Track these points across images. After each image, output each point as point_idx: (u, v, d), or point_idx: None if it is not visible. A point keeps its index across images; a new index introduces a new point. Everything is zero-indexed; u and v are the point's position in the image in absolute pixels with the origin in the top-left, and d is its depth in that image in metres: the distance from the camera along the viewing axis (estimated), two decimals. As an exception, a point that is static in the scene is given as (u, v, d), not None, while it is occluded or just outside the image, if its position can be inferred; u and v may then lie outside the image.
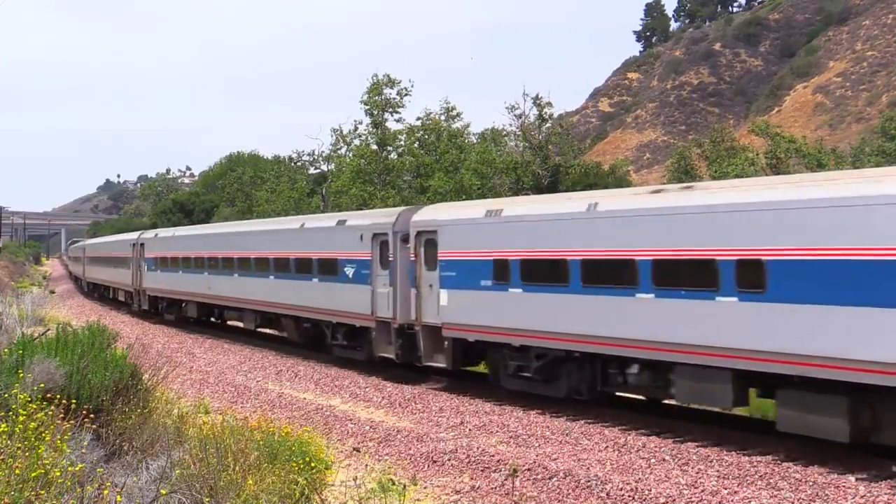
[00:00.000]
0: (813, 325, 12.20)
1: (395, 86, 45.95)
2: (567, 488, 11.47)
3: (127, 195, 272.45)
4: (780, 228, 12.72)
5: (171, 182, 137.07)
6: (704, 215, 13.92)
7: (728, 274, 13.24)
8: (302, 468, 9.60)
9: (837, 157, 37.61)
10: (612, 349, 15.32)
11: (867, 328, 11.60)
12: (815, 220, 12.31)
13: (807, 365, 12.30)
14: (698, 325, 13.78)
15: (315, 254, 24.46)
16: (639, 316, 14.71)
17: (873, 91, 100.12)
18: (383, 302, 21.05)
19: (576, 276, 15.82)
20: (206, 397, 18.35)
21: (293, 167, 59.68)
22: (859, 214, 11.78)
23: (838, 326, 11.93)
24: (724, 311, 13.36)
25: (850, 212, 11.89)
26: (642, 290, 14.60)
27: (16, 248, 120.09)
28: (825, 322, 12.07)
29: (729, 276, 13.23)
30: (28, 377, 10.74)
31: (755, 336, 12.93)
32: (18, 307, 33.10)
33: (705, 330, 13.67)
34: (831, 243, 12.05)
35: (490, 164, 40.06)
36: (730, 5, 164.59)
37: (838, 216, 12.03)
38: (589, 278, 15.58)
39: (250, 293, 28.79)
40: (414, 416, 16.80)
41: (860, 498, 10.75)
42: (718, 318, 13.44)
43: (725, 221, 13.48)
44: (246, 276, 29.19)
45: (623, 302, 14.97)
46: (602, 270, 15.41)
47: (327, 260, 23.70)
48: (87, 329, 14.09)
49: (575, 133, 78.01)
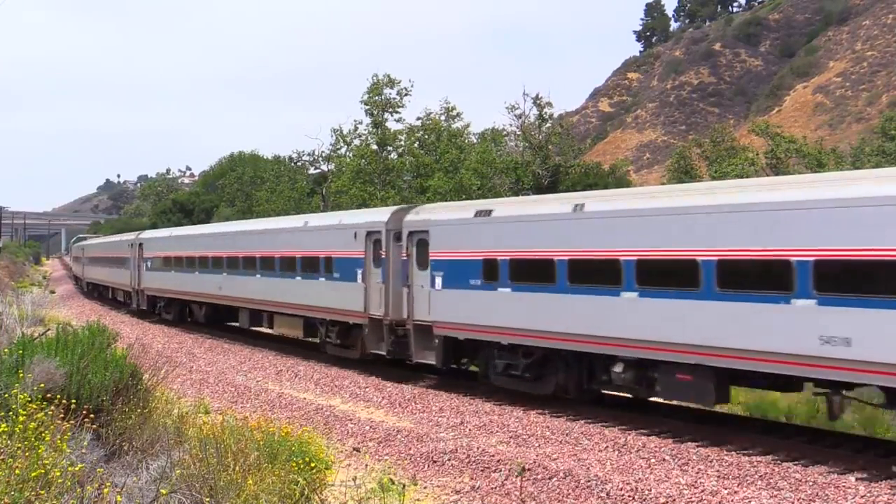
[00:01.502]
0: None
1: (395, 86, 45.93)
2: (567, 488, 11.47)
3: (127, 195, 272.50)
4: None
5: (171, 182, 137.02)
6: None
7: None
8: (302, 468, 9.59)
9: (837, 157, 37.60)
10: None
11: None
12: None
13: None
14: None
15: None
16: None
17: (873, 91, 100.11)
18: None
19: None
20: (206, 397, 18.35)
21: (293, 167, 59.64)
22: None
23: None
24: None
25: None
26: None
27: (16, 248, 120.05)
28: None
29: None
30: (28, 377, 10.73)
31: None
32: (18, 307, 33.09)
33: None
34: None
35: (490, 164, 40.04)
36: (730, 5, 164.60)
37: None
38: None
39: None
40: (414, 416, 16.80)
41: (860, 498, 10.75)
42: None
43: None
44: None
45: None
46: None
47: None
48: (87, 329, 14.08)
49: (575, 133, 78.06)
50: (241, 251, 29.69)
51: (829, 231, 12.16)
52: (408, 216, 20.78)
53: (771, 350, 12.74)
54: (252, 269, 28.66)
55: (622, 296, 14.91)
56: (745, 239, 13.18)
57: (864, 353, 11.65)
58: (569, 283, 15.98)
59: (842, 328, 11.83)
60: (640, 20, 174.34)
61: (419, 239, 20.06)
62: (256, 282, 28.29)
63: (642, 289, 14.59)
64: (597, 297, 15.47)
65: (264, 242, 28.18)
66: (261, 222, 33.97)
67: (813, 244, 12.34)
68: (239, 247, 30.08)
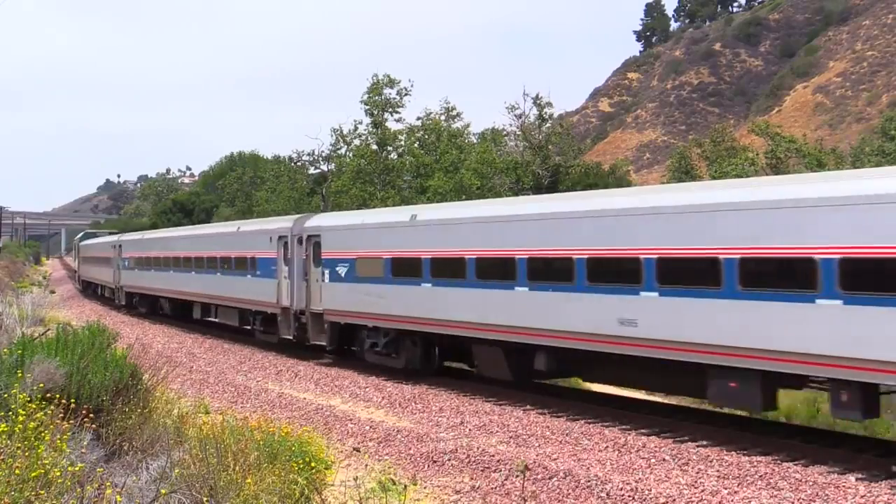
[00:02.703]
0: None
1: (395, 86, 45.91)
2: (567, 488, 11.47)
3: (127, 195, 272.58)
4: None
5: (171, 182, 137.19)
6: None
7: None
8: (302, 468, 9.59)
9: (837, 157, 37.61)
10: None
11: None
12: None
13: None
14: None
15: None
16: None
17: (873, 91, 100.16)
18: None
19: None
20: (206, 397, 18.34)
21: (293, 167, 59.56)
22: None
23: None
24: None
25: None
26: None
27: (16, 248, 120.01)
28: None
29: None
30: (28, 377, 10.73)
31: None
32: (18, 307, 33.09)
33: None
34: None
35: (490, 164, 40.03)
36: (730, 5, 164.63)
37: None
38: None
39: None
40: (414, 416, 16.80)
41: (860, 498, 10.75)
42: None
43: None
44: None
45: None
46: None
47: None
48: (87, 329, 14.09)
49: (575, 133, 78.10)
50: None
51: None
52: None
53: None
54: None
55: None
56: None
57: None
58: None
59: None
60: (640, 20, 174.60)
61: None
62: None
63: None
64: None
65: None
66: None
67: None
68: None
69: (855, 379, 11.68)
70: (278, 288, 25.51)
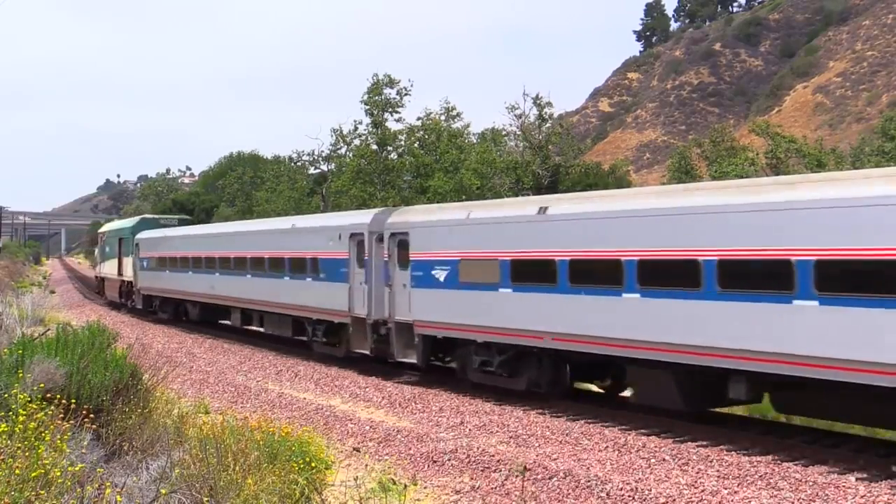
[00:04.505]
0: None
1: (395, 86, 45.90)
2: (567, 488, 11.47)
3: (127, 195, 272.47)
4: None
5: (171, 182, 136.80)
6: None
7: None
8: (302, 468, 9.59)
9: (837, 157, 37.57)
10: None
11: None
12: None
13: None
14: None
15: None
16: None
17: (873, 91, 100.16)
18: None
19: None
20: (206, 397, 18.35)
21: (293, 167, 59.55)
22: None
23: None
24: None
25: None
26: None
27: (16, 249, 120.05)
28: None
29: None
30: (28, 377, 10.74)
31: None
32: (18, 307, 33.10)
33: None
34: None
35: (490, 165, 40.02)
36: (730, 5, 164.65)
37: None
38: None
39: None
40: (414, 416, 16.80)
41: (860, 498, 10.75)
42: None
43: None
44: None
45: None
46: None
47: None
48: (87, 329, 14.10)
49: (575, 133, 78.09)
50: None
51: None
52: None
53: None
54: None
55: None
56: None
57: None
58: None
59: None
60: (640, 20, 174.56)
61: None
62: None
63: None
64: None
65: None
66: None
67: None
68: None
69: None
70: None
